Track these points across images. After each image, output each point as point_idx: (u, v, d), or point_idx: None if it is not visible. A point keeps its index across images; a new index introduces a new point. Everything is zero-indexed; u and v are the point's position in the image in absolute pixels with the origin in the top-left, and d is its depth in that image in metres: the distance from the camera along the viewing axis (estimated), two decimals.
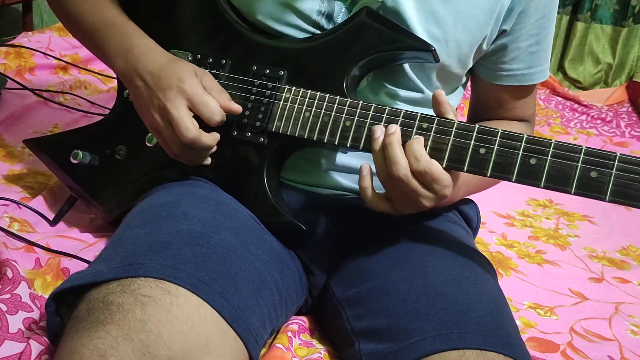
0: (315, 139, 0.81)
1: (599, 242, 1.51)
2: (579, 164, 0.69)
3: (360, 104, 0.79)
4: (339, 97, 0.80)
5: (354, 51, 0.82)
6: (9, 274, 0.83)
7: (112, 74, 1.18)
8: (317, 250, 0.91)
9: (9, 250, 0.91)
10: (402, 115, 0.77)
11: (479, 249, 0.90)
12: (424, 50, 0.80)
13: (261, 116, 0.84)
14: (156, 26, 0.93)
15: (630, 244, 1.52)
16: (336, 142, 0.80)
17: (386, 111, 0.78)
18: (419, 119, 0.76)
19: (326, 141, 0.81)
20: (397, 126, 0.76)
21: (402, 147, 0.74)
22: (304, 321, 0.92)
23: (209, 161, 0.86)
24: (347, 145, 0.80)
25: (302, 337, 0.88)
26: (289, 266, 0.86)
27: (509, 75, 0.94)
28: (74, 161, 0.98)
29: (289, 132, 0.83)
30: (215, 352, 0.65)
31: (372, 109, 0.79)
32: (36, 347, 0.73)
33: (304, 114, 0.82)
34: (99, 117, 1.19)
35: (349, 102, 0.80)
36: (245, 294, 0.71)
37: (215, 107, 0.81)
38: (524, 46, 0.91)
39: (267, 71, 0.85)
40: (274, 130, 0.84)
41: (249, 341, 0.69)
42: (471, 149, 0.74)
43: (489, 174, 0.73)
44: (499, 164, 0.73)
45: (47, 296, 0.78)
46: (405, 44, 0.81)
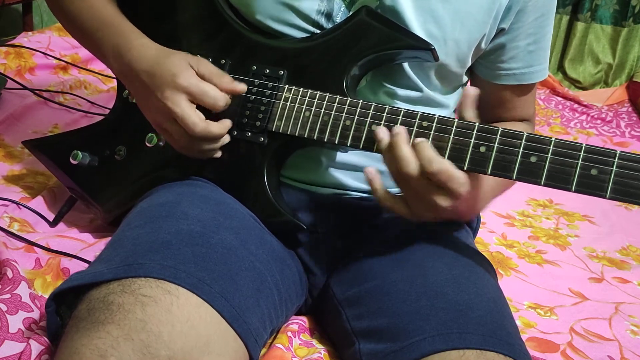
0: (315, 138, 0.81)
1: (599, 242, 1.51)
2: (579, 161, 0.69)
3: (360, 103, 0.79)
4: (339, 97, 0.80)
5: (354, 50, 0.82)
6: (9, 274, 0.83)
7: (112, 74, 1.18)
8: (317, 250, 0.91)
9: (9, 250, 0.91)
10: (402, 114, 0.77)
11: (479, 249, 0.90)
12: (423, 49, 0.81)
13: (261, 116, 0.84)
14: (155, 27, 0.92)
15: (630, 244, 1.52)
16: (336, 142, 0.80)
17: (386, 110, 0.78)
18: (419, 117, 0.76)
19: (326, 140, 0.81)
20: (402, 127, 0.75)
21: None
22: (304, 321, 0.92)
23: (219, 154, 0.85)
24: (348, 144, 0.80)
25: (302, 337, 0.88)
26: (289, 266, 0.86)
27: (507, 74, 0.94)
28: (73, 162, 0.98)
29: (289, 132, 0.83)
30: (215, 352, 0.65)
31: (372, 107, 0.79)
32: (36, 347, 0.73)
33: (304, 113, 0.82)
34: (99, 117, 1.19)
35: (349, 101, 0.80)
36: (245, 294, 0.71)
37: (215, 92, 0.81)
38: (522, 45, 0.92)
39: (267, 71, 0.85)
40: (274, 129, 0.84)
41: (249, 341, 0.69)
42: (471, 147, 0.74)
43: (489, 172, 0.73)
44: (499, 162, 0.73)
45: (47, 296, 0.78)
46: (404, 43, 0.81)
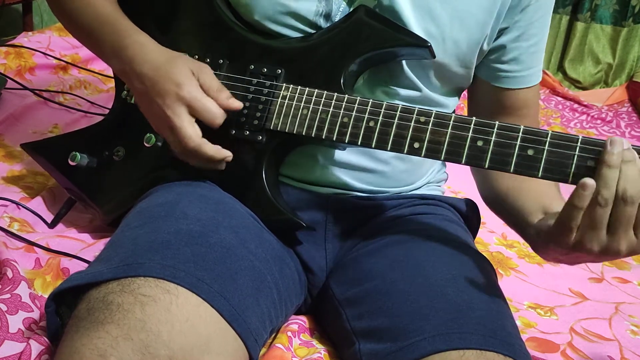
0: (313, 135, 0.81)
1: None
2: (576, 153, 0.69)
3: (358, 100, 0.79)
4: (337, 94, 0.81)
5: (351, 49, 0.82)
6: (9, 274, 0.83)
7: (112, 74, 1.17)
8: (317, 249, 0.91)
9: (9, 250, 0.91)
10: (399, 109, 0.77)
11: (479, 249, 0.90)
12: (419, 46, 0.81)
13: (259, 114, 0.84)
14: (154, 26, 0.92)
15: None
16: (334, 139, 0.80)
17: (383, 106, 0.78)
18: (416, 113, 0.76)
19: (324, 137, 0.81)
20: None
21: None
22: (304, 321, 0.92)
23: (222, 166, 0.84)
24: (346, 141, 0.80)
25: (302, 337, 0.88)
26: (289, 265, 0.86)
27: (507, 76, 0.93)
28: (72, 163, 0.98)
29: (287, 130, 0.83)
30: (215, 352, 0.65)
31: (370, 104, 0.79)
32: (36, 347, 0.72)
33: (302, 111, 0.82)
34: (99, 117, 1.19)
35: (346, 98, 0.80)
36: (245, 293, 0.71)
37: (215, 110, 0.81)
38: (525, 46, 0.91)
39: (265, 70, 0.85)
40: (272, 128, 0.84)
41: (249, 341, 0.69)
42: (469, 141, 0.74)
43: (486, 166, 0.73)
44: (497, 156, 0.73)
45: (47, 296, 0.78)
46: (401, 41, 0.81)
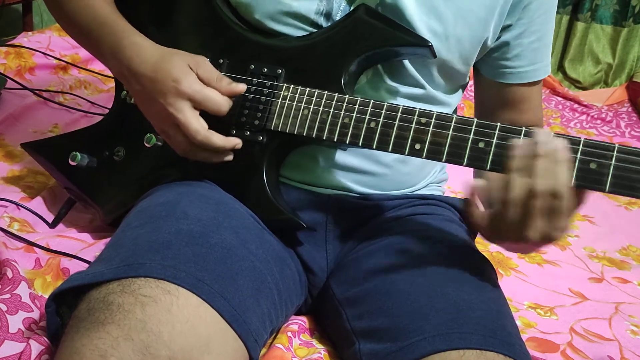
0: (314, 136, 0.81)
1: (599, 242, 1.51)
2: (578, 155, 0.69)
3: (358, 100, 0.79)
4: (337, 94, 0.80)
5: (351, 48, 0.82)
6: (9, 274, 0.83)
7: (111, 74, 1.17)
8: (317, 249, 0.91)
9: (9, 250, 0.91)
10: (400, 110, 0.77)
11: (479, 249, 0.90)
12: (420, 45, 0.81)
13: (260, 115, 0.84)
14: (153, 26, 0.92)
15: (630, 244, 1.52)
16: (335, 139, 0.80)
17: (385, 107, 0.78)
18: (417, 114, 0.76)
19: (325, 138, 0.81)
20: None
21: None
22: (304, 321, 0.92)
23: (231, 156, 0.84)
24: (347, 141, 0.80)
25: (302, 337, 0.88)
26: (289, 265, 0.86)
27: (512, 72, 0.93)
28: (72, 163, 0.98)
29: (287, 130, 0.83)
30: (215, 352, 0.65)
31: (371, 105, 0.79)
32: (36, 347, 0.72)
33: (303, 111, 0.82)
34: (99, 117, 1.19)
35: (347, 98, 0.80)
36: (245, 293, 0.71)
37: (219, 98, 0.81)
38: (526, 42, 0.91)
39: (265, 70, 0.85)
40: (272, 128, 0.84)
41: (249, 341, 0.69)
42: (470, 143, 0.74)
43: (488, 168, 0.73)
44: (498, 158, 0.73)
45: (47, 296, 0.78)
46: (401, 40, 0.81)
